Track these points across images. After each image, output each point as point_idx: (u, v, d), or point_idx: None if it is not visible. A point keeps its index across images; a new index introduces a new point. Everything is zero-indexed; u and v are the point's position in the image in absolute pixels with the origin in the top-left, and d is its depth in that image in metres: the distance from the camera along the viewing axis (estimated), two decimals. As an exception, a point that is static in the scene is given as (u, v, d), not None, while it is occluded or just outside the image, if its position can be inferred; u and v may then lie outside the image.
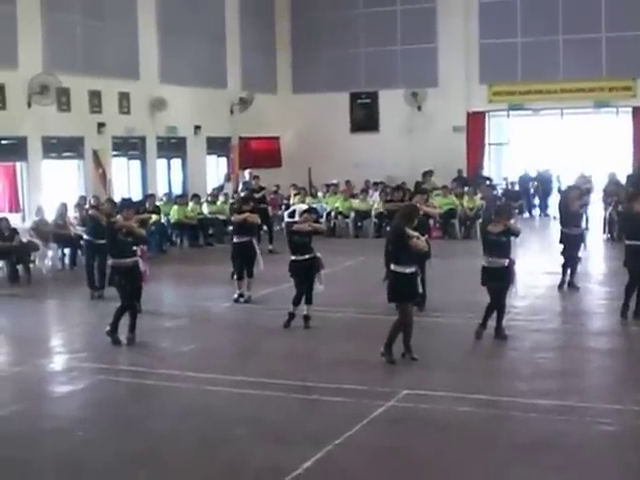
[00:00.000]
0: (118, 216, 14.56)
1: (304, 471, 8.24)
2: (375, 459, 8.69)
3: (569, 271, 17.51)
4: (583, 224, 18.94)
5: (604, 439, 9.12)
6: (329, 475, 8.33)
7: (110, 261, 14.35)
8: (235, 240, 17.20)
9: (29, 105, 23.70)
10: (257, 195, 25.25)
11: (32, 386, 11.77)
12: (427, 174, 26.10)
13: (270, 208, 26.72)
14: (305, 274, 14.57)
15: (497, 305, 13.28)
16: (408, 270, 12.06)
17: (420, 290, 13.01)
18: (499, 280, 13.23)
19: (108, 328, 13.72)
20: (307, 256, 14.57)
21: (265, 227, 24.41)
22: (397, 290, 12.11)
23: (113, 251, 14.19)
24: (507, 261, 13.27)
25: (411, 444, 9.07)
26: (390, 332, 12.11)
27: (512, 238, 13.53)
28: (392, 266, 12.16)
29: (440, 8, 33.26)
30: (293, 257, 14.70)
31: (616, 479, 8.11)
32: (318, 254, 14.67)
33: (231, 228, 18.86)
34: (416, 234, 12.20)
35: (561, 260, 17.55)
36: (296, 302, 14.57)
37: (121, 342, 13.63)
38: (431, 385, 11.03)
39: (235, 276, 17.29)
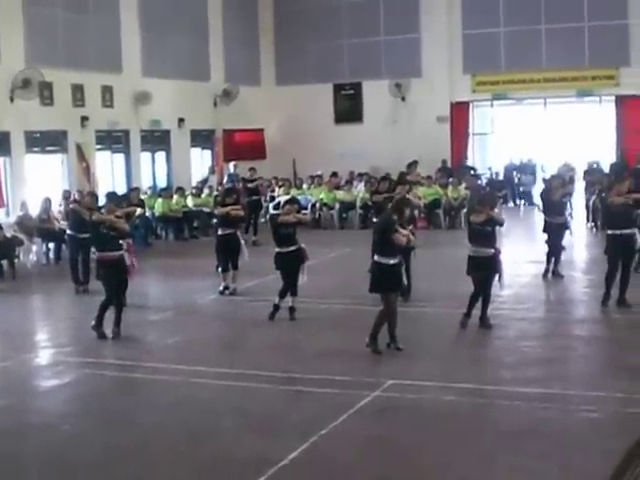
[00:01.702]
0: (102, 210, 14.57)
1: (290, 462, 8.27)
2: (361, 449, 8.73)
3: (553, 259, 17.59)
4: (567, 213, 19.02)
5: (587, 426, 9.19)
6: (315, 465, 8.36)
7: (95, 255, 14.35)
8: (220, 232, 17.21)
9: (11, 100, 23.62)
10: (250, 185, 25.35)
11: (18, 381, 11.76)
12: (412, 165, 26.17)
13: (262, 199, 26.81)
14: (291, 266, 14.58)
15: (482, 294, 13.34)
16: (392, 261, 12.10)
17: (405, 281, 13.08)
18: (484, 269, 13.30)
19: (93, 322, 13.71)
20: (292, 248, 14.58)
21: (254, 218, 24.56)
22: (380, 281, 12.16)
23: (97, 245, 14.18)
24: (492, 251, 13.33)
25: (397, 434, 9.12)
26: (375, 323, 12.15)
27: (497, 228, 13.60)
28: (375, 257, 12.22)
29: (423, -1, 33.30)
30: (278, 249, 14.69)
31: (599, 465, 8.13)
32: (302, 245, 14.70)
33: (215, 221, 18.87)
34: (406, 232, 12.25)
35: (545, 249, 17.64)
36: (282, 294, 14.58)
37: (106, 336, 13.63)
38: (416, 375, 11.08)
39: (220, 269, 17.32)
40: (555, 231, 17.56)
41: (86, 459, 8.71)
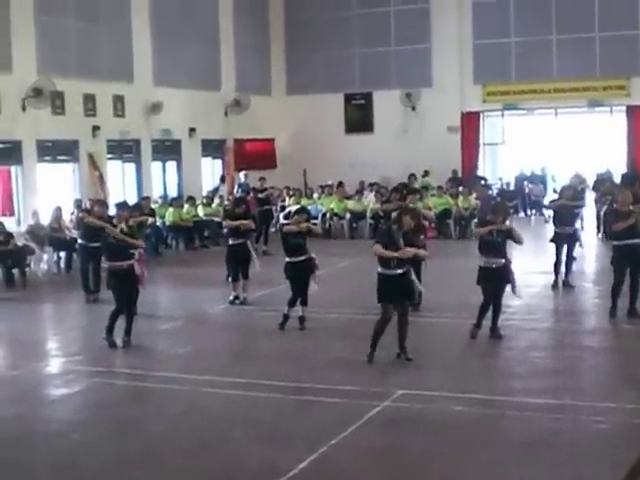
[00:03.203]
0: (114, 219, 14.60)
1: (300, 472, 8.27)
2: (370, 459, 8.71)
3: (564, 270, 17.57)
4: (577, 224, 18.97)
5: (598, 437, 9.16)
6: (325, 475, 8.35)
7: (106, 264, 14.38)
8: (230, 242, 17.22)
9: (24, 109, 23.71)
10: (261, 195, 25.36)
11: (28, 389, 11.78)
12: (411, 176, 26.53)
13: (274, 208, 26.85)
14: (301, 275, 14.60)
15: (492, 305, 13.32)
16: (388, 272, 12.09)
17: (416, 290, 12.99)
18: (494, 280, 13.28)
19: (105, 334, 13.74)
20: (302, 257, 14.59)
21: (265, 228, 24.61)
22: (378, 290, 12.20)
23: (108, 254, 14.21)
24: (503, 261, 13.31)
25: (406, 444, 9.10)
26: (373, 332, 12.20)
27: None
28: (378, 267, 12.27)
29: (433, 9, 33.30)
30: (288, 259, 14.71)
31: (610, 477, 8.13)
32: (312, 255, 14.71)
33: (225, 231, 18.87)
34: (408, 250, 12.14)
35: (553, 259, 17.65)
36: (291, 304, 14.59)
37: (117, 345, 13.66)
38: (426, 385, 11.07)
39: (230, 278, 17.33)
40: (563, 241, 17.52)
41: (96, 467, 8.72)
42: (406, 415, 10.01)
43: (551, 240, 17.84)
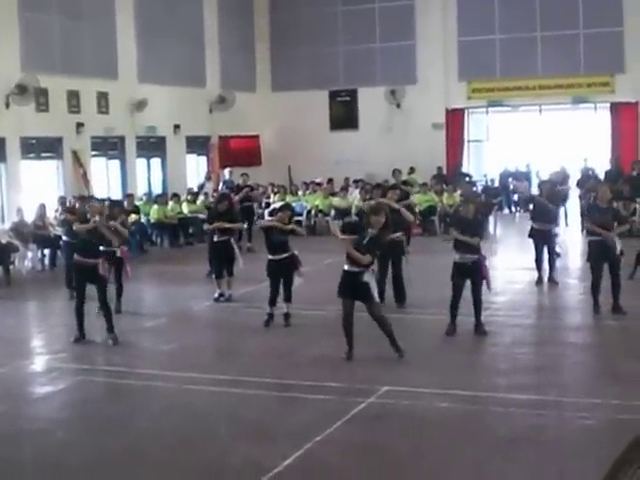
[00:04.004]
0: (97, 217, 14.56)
1: (284, 469, 8.26)
2: (356, 456, 8.72)
3: (548, 266, 17.61)
4: (558, 220, 18.95)
5: (582, 433, 9.20)
6: (310, 472, 8.35)
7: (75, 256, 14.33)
8: (214, 239, 17.19)
9: (7, 106, 23.64)
10: (237, 197, 25.10)
11: (12, 387, 11.74)
12: (396, 171, 26.67)
13: (255, 205, 26.78)
14: (282, 273, 14.58)
15: (472, 301, 13.37)
16: (345, 267, 12.23)
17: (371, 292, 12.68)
18: (468, 276, 13.32)
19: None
20: (284, 255, 14.57)
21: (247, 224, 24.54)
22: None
23: (78, 248, 14.22)
24: (476, 257, 13.32)
25: (391, 440, 9.11)
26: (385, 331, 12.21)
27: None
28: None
29: (418, 5, 33.33)
30: (270, 257, 14.70)
31: (594, 473, 8.11)
32: (295, 252, 14.68)
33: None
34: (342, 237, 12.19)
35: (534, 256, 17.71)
36: (271, 302, 14.62)
37: (81, 340, 13.73)
38: (411, 381, 11.08)
39: (214, 275, 17.31)
40: (541, 237, 17.52)
41: (80, 464, 8.69)
42: (391, 411, 10.02)
43: (529, 236, 17.86)
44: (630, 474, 3.51)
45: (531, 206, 18.60)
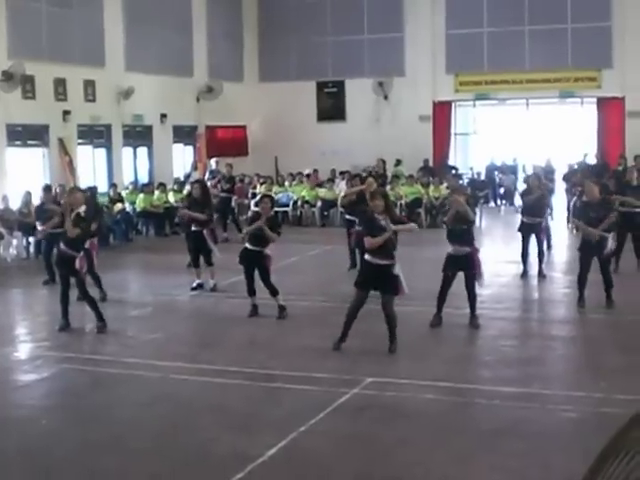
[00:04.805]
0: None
1: (269, 458, 8.25)
2: (340, 446, 8.71)
3: (537, 259, 17.66)
4: (544, 213, 18.99)
5: (566, 425, 9.22)
6: (293, 462, 8.34)
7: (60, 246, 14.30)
8: (191, 229, 17.22)
9: (-7, 93, 23.53)
10: (218, 191, 25.04)
11: (-4, 375, 11.71)
12: (380, 161, 26.60)
13: (235, 197, 26.71)
14: (253, 263, 14.53)
15: (466, 294, 13.40)
16: (368, 258, 12.15)
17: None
18: (461, 269, 13.34)
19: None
20: (258, 248, 14.46)
21: (230, 216, 24.54)
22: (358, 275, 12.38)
23: (62, 237, 14.19)
24: (468, 249, 13.34)
25: (376, 431, 9.11)
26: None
27: (473, 227, 13.66)
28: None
29: (407, -2, 33.34)
30: (246, 245, 14.66)
31: (578, 465, 8.13)
32: (269, 252, 14.55)
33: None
34: None
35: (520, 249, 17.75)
36: (250, 292, 14.61)
37: (65, 328, 13.71)
38: (396, 373, 11.10)
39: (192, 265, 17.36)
40: (528, 231, 17.60)
41: (64, 453, 8.66)
42: (376, 403, 10.02)
43: (518, 229, 17.95)
44: (615, 465, 3.52)
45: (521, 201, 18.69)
